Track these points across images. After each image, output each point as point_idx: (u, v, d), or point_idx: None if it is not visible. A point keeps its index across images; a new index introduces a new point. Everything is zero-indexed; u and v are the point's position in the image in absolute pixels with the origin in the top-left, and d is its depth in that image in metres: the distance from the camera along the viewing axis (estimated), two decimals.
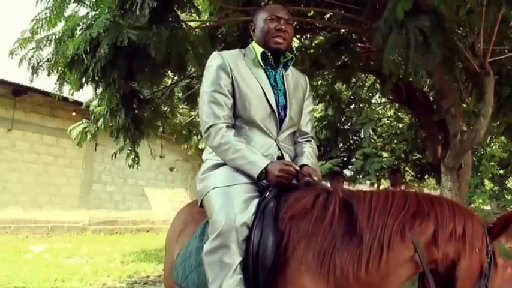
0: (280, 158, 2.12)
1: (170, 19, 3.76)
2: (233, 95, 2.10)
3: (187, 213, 2.51)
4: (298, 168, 2.00)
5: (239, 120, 2.13)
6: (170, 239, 2.51)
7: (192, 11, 4.21)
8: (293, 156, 2.24)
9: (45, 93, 9.06)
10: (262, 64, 2.18)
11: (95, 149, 11.46)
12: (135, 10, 3.24)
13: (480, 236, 1.68)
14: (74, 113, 9.56)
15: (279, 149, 2.14)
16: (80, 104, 6.66)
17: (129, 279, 6.75)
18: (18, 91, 9.97)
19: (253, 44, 2.25)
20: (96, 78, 4.06)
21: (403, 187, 6.40)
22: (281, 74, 2.23)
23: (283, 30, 2.15)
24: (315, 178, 1.97)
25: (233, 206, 1.84)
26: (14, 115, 10.20)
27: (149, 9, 3.20)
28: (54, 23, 4.07)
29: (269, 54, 2.18)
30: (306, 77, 2.44)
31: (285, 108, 2.17)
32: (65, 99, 9.55)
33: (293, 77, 2.29)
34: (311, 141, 2.36)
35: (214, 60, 2.15)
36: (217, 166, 2.08)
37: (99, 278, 6.61)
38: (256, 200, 1.90)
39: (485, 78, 3.80)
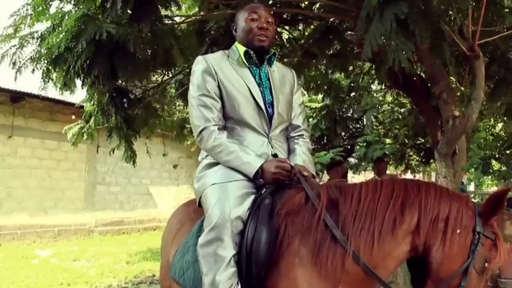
0: (274, 155, 2.13)
1: (151, 15, 3.70)
2: (221, 97, 2.12)
3: (182, 212, 2.54)
4: (293, 164, 2.03)
5: (230, 121, 2.14)
6: (166, 239, 2.54)
7: (173, 6, 4.15)
8: (287, 153, 2.25)
9: (44, 98, 9.07)
10: (246, 63, 2.19)
11: (97, 151, 11.49)
12: (111, 6, 3.20)
13: (467, 219, 1.70)
14: (73, 116, 9.53)
15: (272, 146, 2.15)
16: (81, 107, 6.60)
17: (134, 279, 6.79)
18: (16, 98, 10.00)
19: (237, 44, 2.26)
20: (82, 75, 4.04)
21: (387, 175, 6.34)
22: (266, 71, 2.24)
23: (265, 29, 2.17)
24: (305, 174, 2.00)
25: (229, 200, 1.88)
26: (13, 122, 10.23)
27: (122, 3, 3.16)
28: (37, 19, 4.00)
29: (252, 52, 2.18)
30: (293, 71, 2.44)
31: (272, 105, 2.18)
32: (64, 102, 9.66)
33: (279, 72, 2.30)
34: (303, 135, 2.35)
35: (199, 64, 2.17)
36: (213, 164, 2.11)
37: (105, 279, 6.67)
38: (252, 196, 1.93)
39: (475, 62, 3.71)
